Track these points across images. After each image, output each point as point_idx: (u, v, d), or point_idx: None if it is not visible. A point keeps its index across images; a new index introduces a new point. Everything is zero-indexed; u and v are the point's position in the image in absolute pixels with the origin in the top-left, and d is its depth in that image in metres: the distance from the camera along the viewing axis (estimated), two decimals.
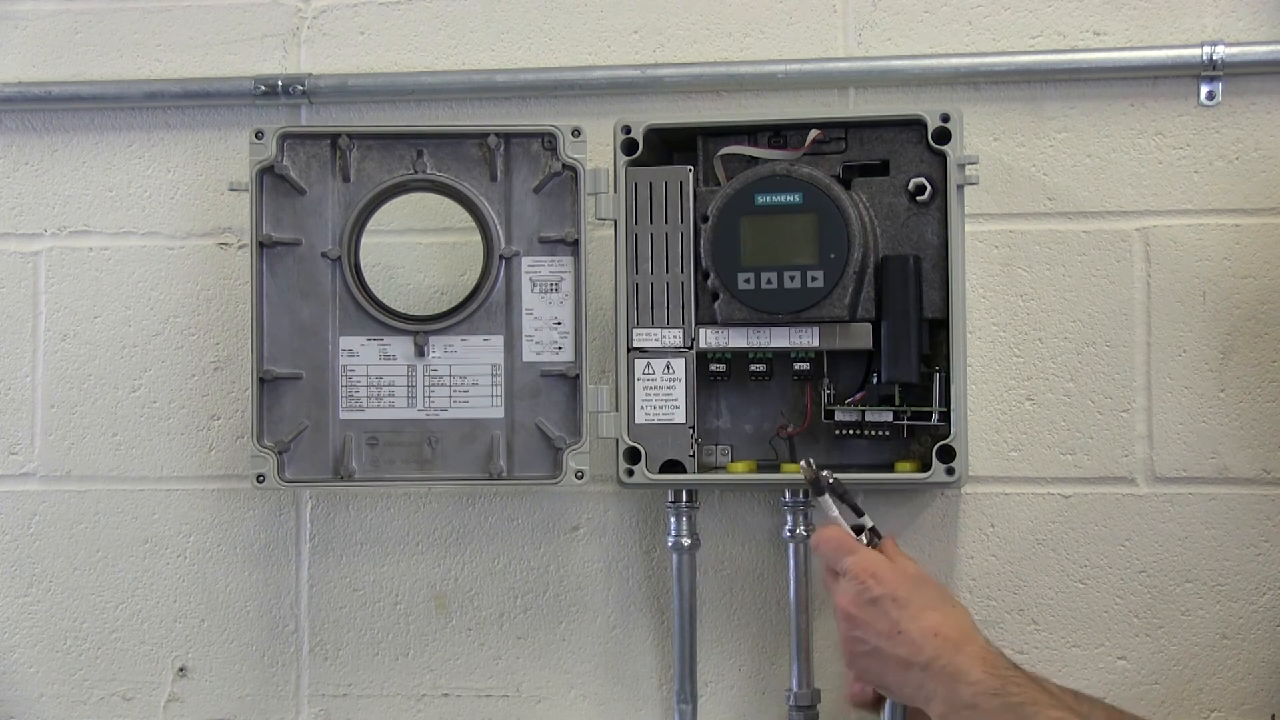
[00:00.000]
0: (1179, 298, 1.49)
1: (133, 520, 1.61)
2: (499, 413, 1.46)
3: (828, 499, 1.28)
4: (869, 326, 1.39)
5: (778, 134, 1.43)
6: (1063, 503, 1.50)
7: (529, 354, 1.46)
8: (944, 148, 1.38)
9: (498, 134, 1.45)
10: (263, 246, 1.46)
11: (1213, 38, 1.47)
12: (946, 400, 1.39)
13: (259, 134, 1.45)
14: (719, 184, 1.43)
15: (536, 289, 1.46)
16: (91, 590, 1.61)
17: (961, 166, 1.38)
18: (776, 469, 1.46)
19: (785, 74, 1.52)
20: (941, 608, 1.19)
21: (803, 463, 1.29)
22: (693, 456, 1.42)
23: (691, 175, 1.42)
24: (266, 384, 1.46)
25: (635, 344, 1.42)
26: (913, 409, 1.40)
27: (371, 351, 1.47)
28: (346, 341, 1.47)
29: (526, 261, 1.46)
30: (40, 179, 1.63)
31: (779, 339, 1.40)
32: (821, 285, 1.37)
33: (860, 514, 1.29)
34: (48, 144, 1.63)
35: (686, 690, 1.49)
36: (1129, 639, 1.49)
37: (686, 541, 1.47)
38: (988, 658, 1.13)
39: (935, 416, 1.39)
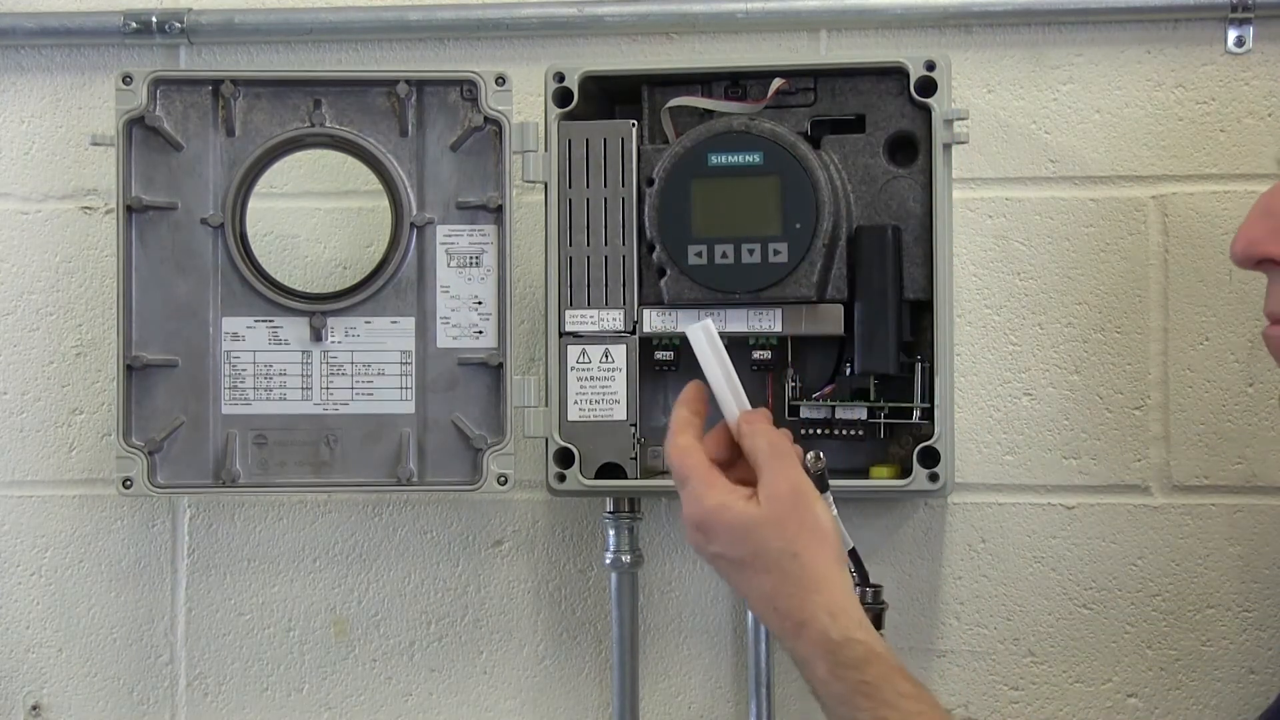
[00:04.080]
0: (1201, 276, 1.49)
1: None
2: (409, 407, 1.46)
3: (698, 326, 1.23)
4: (840, 309, 1.38)
5: (736, 83, 1.42)
6: (1065, 514, 1.50)
7: (444, 339, 1.46)
8: (929, 100, 1.38)
9: (409, 81, 1.44)
10: (131, 211, 1.44)
11: None
12: (930, 395, 1.39)
13: (126, 79, 1.44)
14: (667, 141, 1.42)
15: (454, 263, 1.46)
16: None
17: (949, 123, 1.38)
18: None
19: (746, 13, 1.52)
20: (777, 569, 1.12)
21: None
22: (635, 459, 1.42)
23: (635, 131, 1.42)
24: (135, 372, 1.45)
25: (568, 328, 1.42)
26: (891, 405, 1.41)
27: (259, 335, 1.46)
28: (230, 323, 1.46)
29: (442, 231, 1.45)
30: None
31: (736, 322, 1.40)
32: (785, 260, 1.37)
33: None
34: None
35: None
36: (1141, 673, 1.50)
37: (627, 558, 1.48)
38: (828, 647, 1.09)
39: (917, 414, 1.40)
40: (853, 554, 1.28)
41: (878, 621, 1.30)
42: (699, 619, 1.54)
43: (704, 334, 1.20)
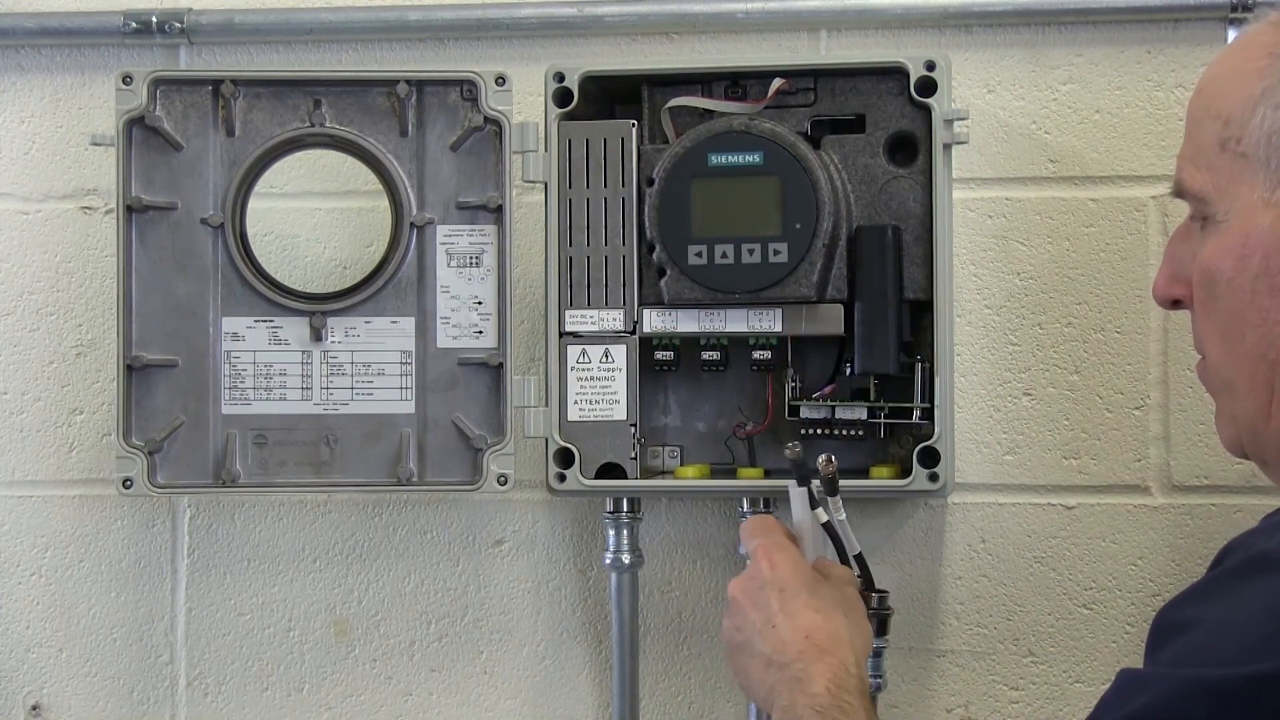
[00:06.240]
0: None
1: None
2: (409, 407, 1.46)
3: (801, 491, 1.29)
4: (840, 309, 1.39)
5: (736, 83, 1.43)
6: (1065, 515, 1.50)
7: (444, 339, 1.46)
8: (929, 100, 1.38)
9: (409, 81, 1.44)
10: (131, 211, 1.44)
11: None
12: (930, 395, 1.39)
13: (126, 79, 1.44)
14: (667, 141, 1.42)
15: (454, 263, 1.46)
16: None
17: (949, 123, 1.38)
18: (733, 474, 1.46)
19: (746, 13, 1.52)
20: (827, 612, 1.20)
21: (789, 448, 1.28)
22: (635, 459, 1.42)
23: (635, 131, 1.42)
24: (135, 372, 1.45)
25: (568, 328, 1.43)
26: (891, 405, 1.40)
27: (259, 335, 1.46)
28: (230, 323, 1.46)
29: (442, 231, 1.46)
30: None
31: (736, 322, 1.41)
32: (785, 260, 1.37)
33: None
34: None
35: None
36: None
37: (627, 558, 1.47)
38: (840, 676, 1.15)
39: (917, 414, 1.40)
40: (859, 558, 1.29)
41: (882, 627, 1.31)
42: (699, 619, 1.53)
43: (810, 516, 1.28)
